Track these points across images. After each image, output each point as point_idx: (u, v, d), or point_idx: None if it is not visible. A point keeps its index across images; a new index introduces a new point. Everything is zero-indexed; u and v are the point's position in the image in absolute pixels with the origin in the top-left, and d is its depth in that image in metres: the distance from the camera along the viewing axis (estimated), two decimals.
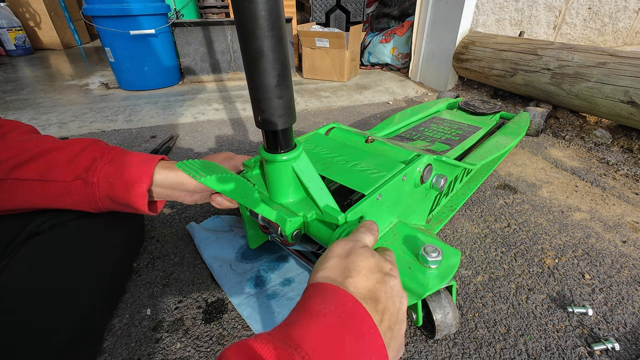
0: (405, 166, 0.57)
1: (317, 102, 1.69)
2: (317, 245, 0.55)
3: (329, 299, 0.29)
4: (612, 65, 1.13)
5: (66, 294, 0.42)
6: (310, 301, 0.29)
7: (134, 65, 1.76)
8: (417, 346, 0.52)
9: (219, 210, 0.82)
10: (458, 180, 0.82)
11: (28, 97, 1.72)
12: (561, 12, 1.94)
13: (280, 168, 0.45)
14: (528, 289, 0.62)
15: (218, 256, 0.66)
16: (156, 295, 0.60)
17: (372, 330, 0.28)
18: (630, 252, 0.70)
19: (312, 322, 0.27)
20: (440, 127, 1.01)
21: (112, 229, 0.54)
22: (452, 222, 0.79)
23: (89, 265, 0.47)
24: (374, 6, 2.54)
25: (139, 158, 0.49)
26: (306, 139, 0.68)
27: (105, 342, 0.52)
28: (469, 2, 1.61)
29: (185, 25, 1.83)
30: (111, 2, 1.57)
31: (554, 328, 0.55)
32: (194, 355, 0.50)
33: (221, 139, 1.24)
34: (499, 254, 0.70)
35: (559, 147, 1.18)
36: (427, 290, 0.45)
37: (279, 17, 0.33)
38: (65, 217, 0.49)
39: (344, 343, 0.26)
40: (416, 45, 1.98)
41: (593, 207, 0.85)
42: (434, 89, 1.90)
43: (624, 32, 2.24)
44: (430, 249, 0.48)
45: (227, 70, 2.04)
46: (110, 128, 1.34)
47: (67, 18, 3.14)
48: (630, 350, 0.51)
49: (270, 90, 0.37)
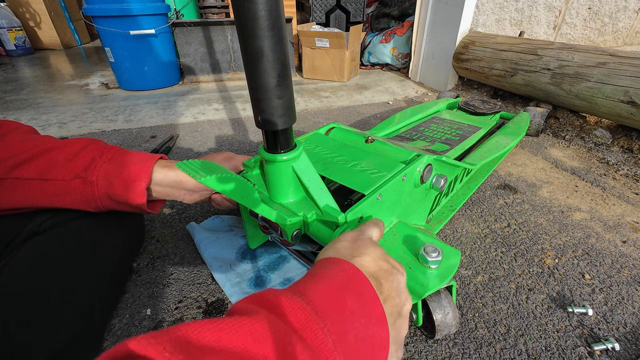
0: (405, 166, 0.57)
1: (317, 102, 1.69)
2: (317, 245, 0.55)
3: (334, 267, 0.30)
4: (612, 65, 1.13)
5: (66, 294, 0.43)
6: (315, 270, 0.30)
7: (134, 65, 1.76)
8: (417, 346, 0.52)
9: (219, 210, 0.82)
10: (458, 180, 0.82)
11: (28, 97, 1.72)
12: (561, 12, 1.94)
13: (280, 168, 0.45)
14: (528, 289, 0.62)
15: (218, 256, 0.66)
16: (156, 295, 0.60)
17: (373, 297, 0.29)
18: (631, 252, 0.70)
19: (316, 281, 0.28)
20: (440, 127, 1.01)
21: (111, 229, 0.54)
22: (452, 222, 0.79)
23: (89, 265, 0.47)
24: (374, 6, 2.54)
25: (138, 157, 0.49)
26: (306, 139, 0.68)
27: (105, 342, 0.52)
28: (469, 2, 1.61)
29: (185, 25, 1.83)
30: (111, 2, 1.57)
31: (554, 328, 0.55)
32: None
33: (221, 139, 1.24)
34: (499, 254, 0.70)
35: (559, 147, 1.18)
36: (427, 290, 0.45)
37: (279, 17, 0.33)
38: (64, 216, 0.49)
39: (345, 300, 0.27)
40: (416, 45, 1.98)
41: (593, 207, 0.85)
42: (434, 89, 1.90)
43: (624, 32, 2.24)
44: (430, 249, 0.48)
45: (227, 70, 2.04)
46: (110, 128, 1.34)
47: (67, 18, 3.14)
48: (630, 351, 0.51)
49: (270, 90, 0.37)
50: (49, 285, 0.42)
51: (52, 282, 0.42)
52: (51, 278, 0.42)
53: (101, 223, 0.52)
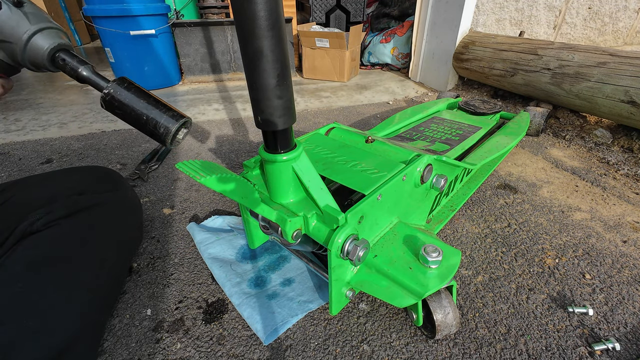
0: (405, 166, 0.57)
1: (317, 102, 1.69)
2: (317, 245, 0.55)
3: None
4: (612, 65, 1.13)
5: (62, 294, 0.42)
6: None
7: (134, 65, 1.76)
8: (417, 346, 0.52)
9: (219, 211, 0.82)
10: (458, 180, 0.82)
11: (28, 98, 1.72)
12: (561, 11, 1.94)
13: (280, 168, 0.45)
14: (528, 289, 0.62)
15: (218, 256, 0.66)
16: (156, 295, 0.60)
17: None
18: (631, 252, 0.70)
19: None
20: (440, 127, 1.01)
21: (107, 227, 0.54)
22: (453, 222, 0.79)
23: (85, 265, 0.47)
24: (374, 6, 2.54)
25: None
26: (306, 139, 0.68)
27: (105, 342, 0.52)
28: (469, 2, 1.61)
29: (186, 26, 1.83)
30: (111, 2, 1.57)
31: (555, 328, 0.55)
32: (194, 355, 0.50)
33: (221, 139, 1.24)
34: (500, 254, 0.70)
35: (559, 147, 1.18)
36: (427, 290, 0.45)
37: (278, 17, 0.33)
38: (57, 215, 0.49)
39: None
40: (416, 45, 1.98)
41: (593, 207, 0.85)
42: (434, 89, 1.90)
43: (624, 31, 2.24)
44: (431, 249, 0.48)
45: (227, 70, 2.04)
46: (110, 128, 1.34)
47: (67, 18, 3.15)
48: (630, 350, 0.51)
49: (270, 90, 0.37)
50: (45, 285, 0.42)
51: (49, 282, 0.42)
52: (47, 278, 0.42)
53: (96, 221, 0.52)
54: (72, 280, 0.44)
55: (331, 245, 0.44)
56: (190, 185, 0.94)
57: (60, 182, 0.58)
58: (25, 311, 0.39)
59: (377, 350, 0.51)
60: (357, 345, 0.52)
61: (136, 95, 0.44)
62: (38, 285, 0.41)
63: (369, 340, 0.53)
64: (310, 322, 0.55)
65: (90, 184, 0.58)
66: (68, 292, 0.43)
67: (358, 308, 0.58)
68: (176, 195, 0.89)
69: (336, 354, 0.51)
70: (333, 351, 0.51)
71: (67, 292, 0.43)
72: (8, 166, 1.05)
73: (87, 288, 0.46)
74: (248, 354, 0.51)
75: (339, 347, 0.52)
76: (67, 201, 0.52)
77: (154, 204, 0.85)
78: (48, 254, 0.45)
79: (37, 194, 0.53)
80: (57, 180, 0.58)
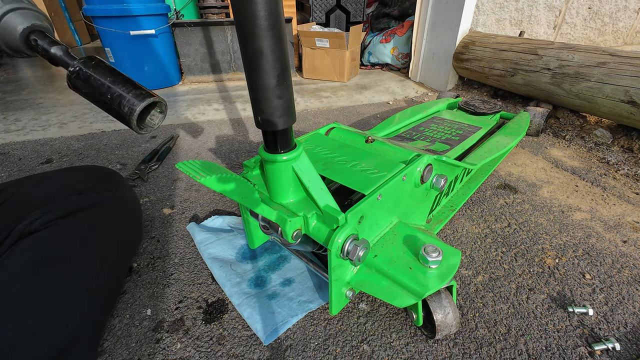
0: (405, 166, 0.57)
1: (317, 102, 1.69)
2: (317, 245, 0.55)
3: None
4: (612, 65, 1.13)
5: (62, 294, 0.42)
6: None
7: (134, 65, 1.76)
8: (417, 346, 0.52)
9: (219, 211, 0.82)
10: (458, 180, 0.82)
11: (28, 98, 1.72)
12: (561, 11, 1.94)
13: (280, 168, 0.45)
14: (528, 289, 0.62)
15: (218, 256, 0.66)
16: (156, 295, 0.60)
17: None
18: (631, 252, 0.70)
19: None
20: (440, 127, 1.01)
21: (106, 227, 0.54)
22: (453, 222, 0.79)
23: (84, 265, 0.47)
24: (374, 6, 2.54)
25: None
26: (306, 139, 0.68)
27: (105, 342, 0.52)
28: (469, 2, 1.61)
29: (185, 26, 1.83)
30: (111, 2, 1.57)
31: (555, 328, 0.55)
32: (194, 355, 0.50)
33: (221, 139, 1.24)
34: (500, 254, 0.70)
35: (559, 147, 1.18)
36: (427, 290, 0.45)
37: (278, 17, 0.33)
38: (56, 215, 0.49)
39: None
40: (416, 45, 1.98)
41: (593, 207, 0.85)
42: (434, 89, 1.90)
43: (624, 31, 2.23)
44: (431, 249, 0.48)
45: (227, 70, 2.05)
46: (110, 128, 1.34)
47: (67, 18, 3.15)
48: (630, 350, 0.51)
49: (270, 90, 0.37)
50: (45, 285, 0.42)
51: (48, 282, 0.42)
52: (47, 278, 0.42)
53: (95, 221, 0.52)
54: (72, 280, 0.44)
55: (331, 245, 0.44)
56: (190, 185, 0.94)
57: (59, 181, 0.57)
58: (25, 311, 0.39)
59: (377, 350, 0.51)
60: (357, 345, 0.52)
61: (102, 73, 0.42)
62: (37, 285, 0.41)
63: (369, 340, 0.53)
64: (310, 322, 0.55)
65: (90, 184, 0.58)
66: (68, 292, 0.43)
67: (358, 308, 0.58)
68: (176, 195, 0.89)
69: (336, 354, 0.51)
70: (333, 351, 0.51)
71: (67, 292, 0.43)
72: (8, 166, 1.05)
73: (87, 288, 0.46)
74: (248, 354, 0.51)
75: (339, 347, 0.52)
76: (66, 201, 0.52)
77: (154, 204, 0.85)
78: (47, 253, 0.45)
79: (35, 193, 0.53)
80: (56, 180, 0.58)
